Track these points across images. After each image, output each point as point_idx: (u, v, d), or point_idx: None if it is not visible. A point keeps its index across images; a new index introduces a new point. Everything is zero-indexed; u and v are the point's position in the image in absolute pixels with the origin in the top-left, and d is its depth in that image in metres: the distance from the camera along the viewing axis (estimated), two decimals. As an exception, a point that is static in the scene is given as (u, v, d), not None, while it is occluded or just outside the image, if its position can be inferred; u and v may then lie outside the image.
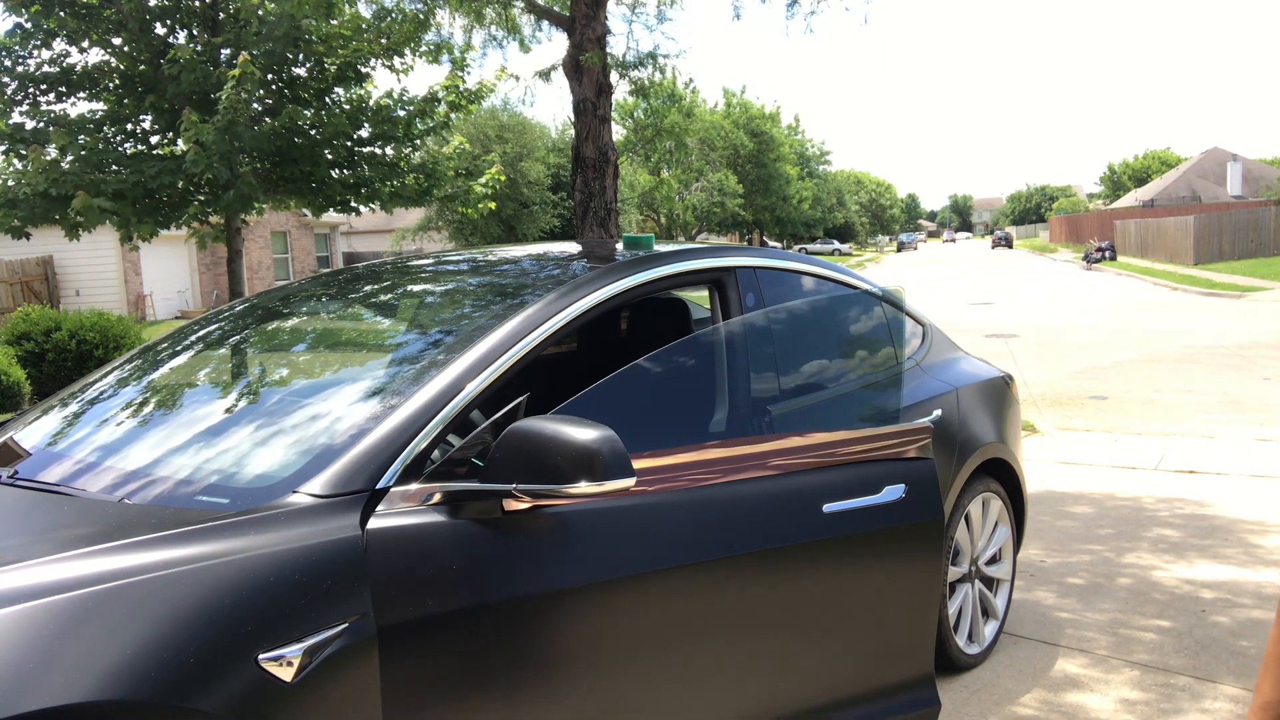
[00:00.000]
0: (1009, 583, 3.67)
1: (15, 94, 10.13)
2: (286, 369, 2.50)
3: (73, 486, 1.87)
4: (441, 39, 10.61)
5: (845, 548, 2.32)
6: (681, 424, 2.43)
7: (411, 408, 1.85)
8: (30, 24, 9.86)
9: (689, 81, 12.14)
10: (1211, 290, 21.55)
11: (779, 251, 2.98)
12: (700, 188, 40.95)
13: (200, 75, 9.57)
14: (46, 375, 9.76)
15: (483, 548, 1.76)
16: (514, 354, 2.02)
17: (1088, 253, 36.80)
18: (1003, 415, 3.68)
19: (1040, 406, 8.70)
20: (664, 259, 2.52)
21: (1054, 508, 5.46)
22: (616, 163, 7.36)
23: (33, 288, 21.97)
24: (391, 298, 2.83)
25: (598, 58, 7.14)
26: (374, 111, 10.77)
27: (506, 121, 27.81)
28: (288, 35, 9.81)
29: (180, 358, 2.63)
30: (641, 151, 14.31)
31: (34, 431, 2.33)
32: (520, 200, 26.95)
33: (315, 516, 1.63)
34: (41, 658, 1.30)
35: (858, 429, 2.55)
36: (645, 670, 1.99)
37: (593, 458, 1.68)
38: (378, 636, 1.59)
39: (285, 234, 30.23)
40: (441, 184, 11.28)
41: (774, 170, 47.51)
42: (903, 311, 3.36)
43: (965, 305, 20.57)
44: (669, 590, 2.01)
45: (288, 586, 1.53)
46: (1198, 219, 31.76)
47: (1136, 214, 48.19)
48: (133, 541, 1.50)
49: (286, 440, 1.93)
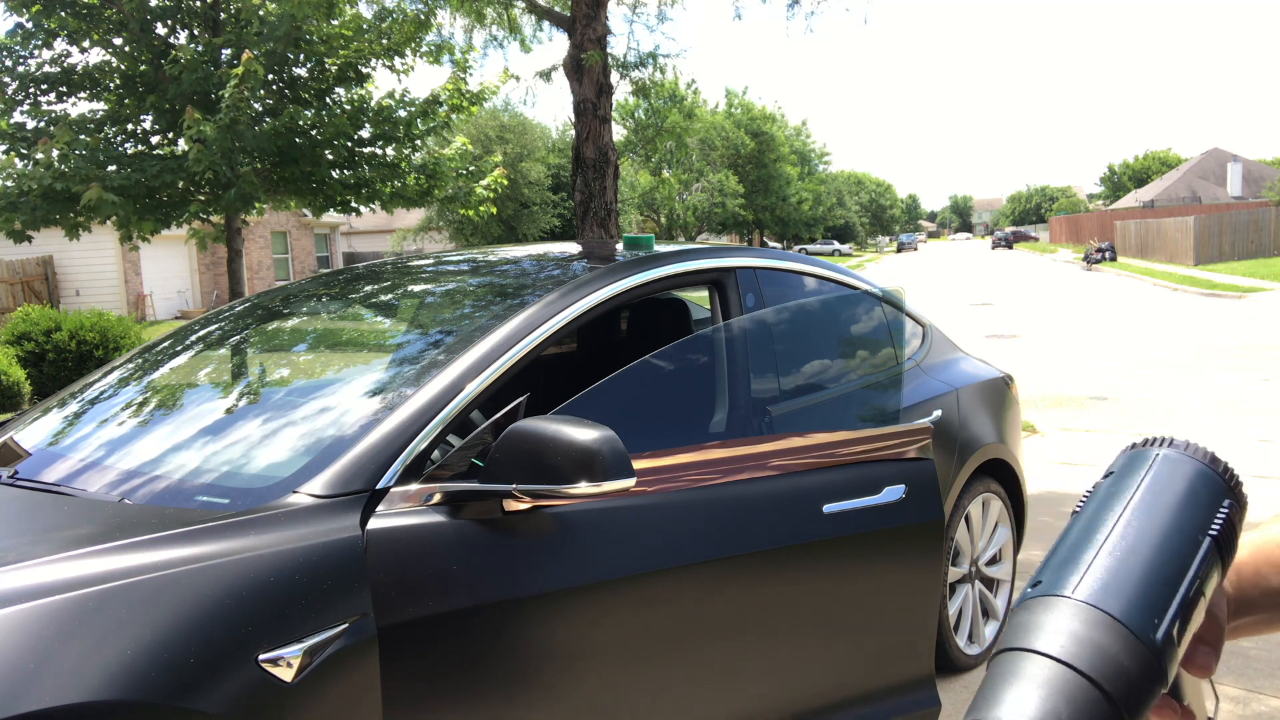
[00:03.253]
0: (1009, 583, 3.67)
1: (16, 94, 10.14)
2: (286, 369, 2.51)
3: (73, 486, 1.87)
4: (442, 39, 10.62)
5: (845, 548, 2.32)
6: (682, 424, 2.43)
7: (411, 408, 1.85)
8: (31, 24, 9.86)
9: (691, 82, 12.15)
10: (1212, 291, 21.55)
11: (779, 252, 2.98)
12: (701, 188, 40.97)
13: (201, 75, 9.58)
14: (46, 375, 9.76)
15: (483, 548, 1.76)
16: (514, 354, 2.02)
17: (1088, 253, 36.78)
18: (1003, 416, 3.68)
19: (1040, 407, 8.70)
20: (664, 259, 2.52)
21: (1054, 508, 5.46)
22: (617, 163, 7.36)
23: (33, 288, 21.98)
24: (392, 298, 2.83)
25: (598, 58, 7.14)
26: (375, 112, 10.77)
27: (507, 122, 27.84)
28: (288, 35, 9.81)
29: (180, 358, 2.63)
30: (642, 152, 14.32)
31: (34, 431, 2.33)
32: (521, 200, 26.97)
33: (315, 517, 1.63)
34: (41, 658, 1.30)
35: (858, 429, 2.55)
36: (645, 671, 1.99)
37: (593, 458, 1.68)
38: (378, 637, 1.59)
39: (285, 234, 30.23)
40: (442, 185, 11.28)
41: (774, 170, 47.53)
42: (903, 312, 3.36)
43: (965, 305, 20.56)
44: (669, 591, 2.01)
45: (288, 587, 1.53)
46: (1198, 220, 31.75)
47: (1136, 215, 48.21)
48: (133, 541, 1.50)
49: (286, 440, 1.93)
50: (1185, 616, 0.55)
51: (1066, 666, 0.51)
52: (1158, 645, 0.53)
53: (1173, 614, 0.54)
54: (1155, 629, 0.53)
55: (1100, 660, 0.51)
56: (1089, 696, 0.50)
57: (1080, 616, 0.53)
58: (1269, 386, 9.33)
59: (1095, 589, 0.55)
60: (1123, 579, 0.55)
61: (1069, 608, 0.54)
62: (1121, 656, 0.52)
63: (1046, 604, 0.55)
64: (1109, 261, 35.27)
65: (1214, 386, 9.45)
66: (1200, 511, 0.60)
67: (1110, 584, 0.55)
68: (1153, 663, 0.52)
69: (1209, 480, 0.62)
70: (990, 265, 42.57)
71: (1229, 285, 22.14)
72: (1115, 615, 0.53)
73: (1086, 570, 0.56)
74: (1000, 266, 40.74)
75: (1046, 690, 0.50)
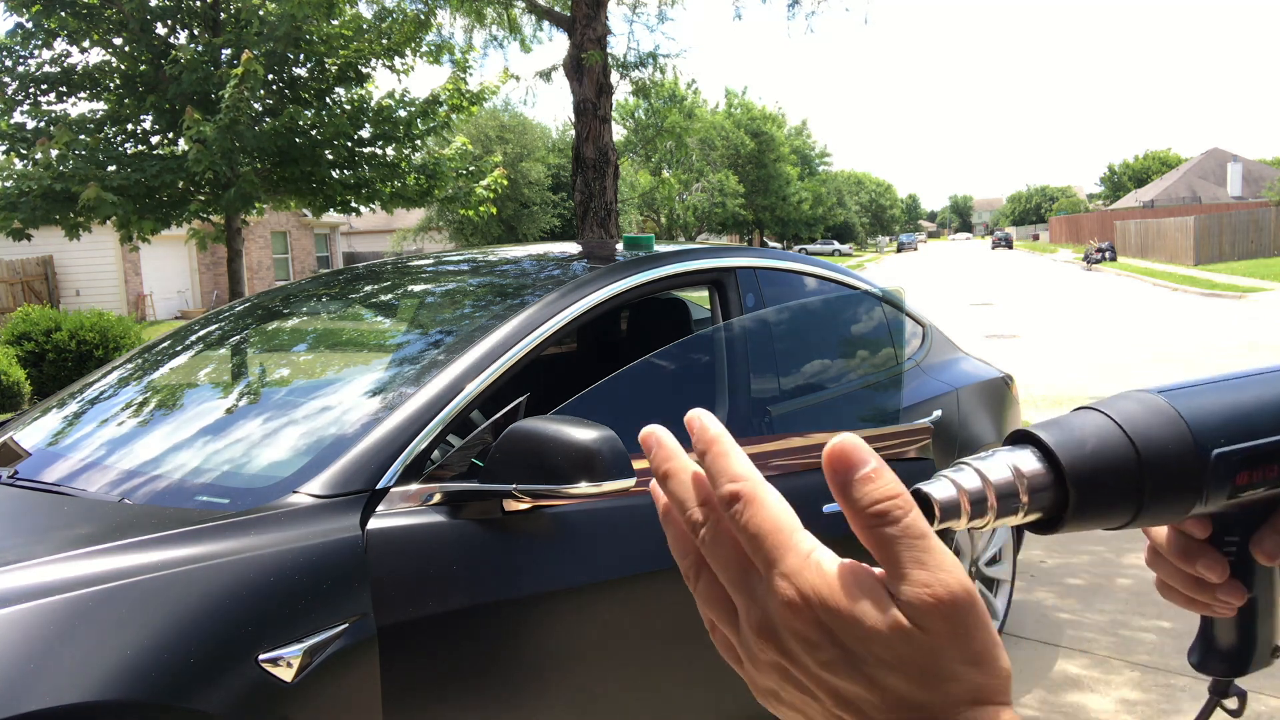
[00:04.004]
0: (1009, 583, 3.67)
1: (16, 94, 10.14)
2: (286, 369, 2.51)
3: (73, 486, 1.87)
4: (442, 39, 10.62)
5: (845, 548, 2.31)
6: (682, 424, 2.43)
7: (411, 408, 1.85)
8: (31, 24, 9.87)
9: (691, 82, 12.16)
10: (1211, 291, 21.54)
11: (779, 252, 2.98)
12: (701, 188, 40.97)
13: (201, 75, 9.58)
14: (46, 375, 9.76)
15: (483, 548, 1.76)
16: (514, 354, 2.02)
17: (1088, 253, 36.78)
18: (1003, 415, 3.68)
19: (1040, 407, 8.70)
20: (664, 259, 2.52)
21: (1054, 508, 5.45)
22: (617, 163, 7.37)
23: (33, 288, 21.98)
24: (392, 298, 2.83)
25: (598, 58, 7.14)
26: (375, 112, 10.78)
27: (507, 122, 27.85)
28: (288, 35, 9.82)
29: (180, 358, 2.63)
30: (642, 152, 14.33)
31: (34, 431, 2.33)
32: (521, 200, 26.98)
33: (315, 517, 1.63)
34: (41, 658, 1.30)
35: (858, 429, 2.55)
36: (645, 671, 1.99)
37: (593, 458, 1.68)
38: (378, 637, 1.59)
39: (285, 234, 30.23)
40: (442, 185, 11.28)
41: (774, 170, 47.54)
42: (903, 312, 3.36)
43: (965, 305, 20.57)
44: (669, 591, 2.01)
45: (288, 587, 1.53)
46: (1198, 220, 31.75)
47: (1136, 214, 48.21)
48: (133, 541, 1.50)
49: (286, 440, 1.93)
50: (1258, 461, 0.57)
51: (1115, 424, 0.55)
52: (1208, 457, 0.55)
53: (1244, 448, 0.56)
54: (1216, 445, 0.55)
55: (1147, 435, 0.55)
56: (1125, 453, 0.54)
57: (1153, 405, 0.57)
58: (1269, 386, 9.32)
59: (1183, 398, 0.57)
60: (1213, 400, 0.58)
61: (1151, 398, 0.57)
62: (1170, 443, 0.55)
63: (1136, 395, 0.59)
64: (1109, 261, 35.27)
65: (1214, 386, 9.44)
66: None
67: (1200, 401, 0.57)
68: (1197, 467, 0.55)
69: None
70: (990, 265, 42.58)
71: (1229, 285, 22.14)
72: (1182, 414, 0.56)
73: (1193, 388, 0.59)
74: (1000, 266, 40.75)
75: (1090, 430, 0.54)
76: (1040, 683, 3.31)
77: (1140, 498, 0.54)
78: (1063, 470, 0.53)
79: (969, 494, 0.51)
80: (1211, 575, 0.62)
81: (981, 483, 0.52)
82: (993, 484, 0.52)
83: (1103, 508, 0.54)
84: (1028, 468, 0.53)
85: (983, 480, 0.52)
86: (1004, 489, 0.52)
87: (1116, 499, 0.54)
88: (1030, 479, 0.52)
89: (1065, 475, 0.53)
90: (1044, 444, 0.53)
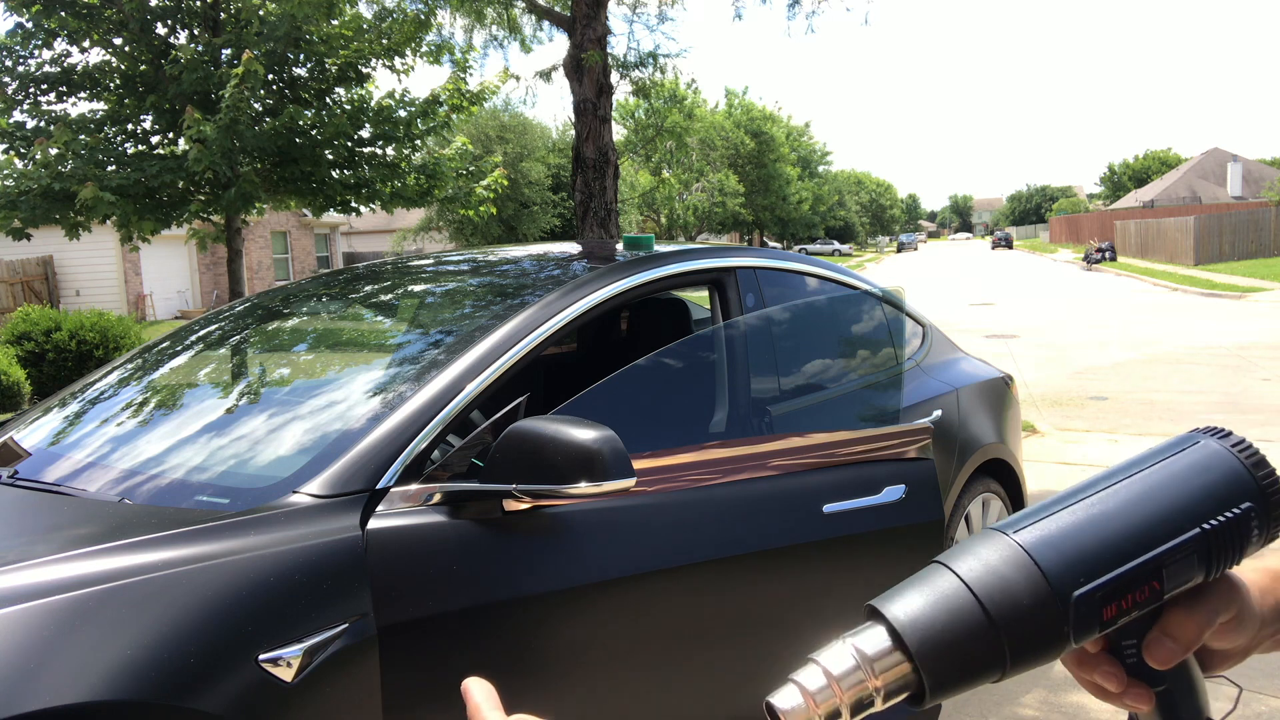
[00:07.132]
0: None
1: (16, 93, 10.14)
2: (286, 369, 2.51)
3: (73, 486, 1.87)
4: (442, 39, 10.62)
5: (845, 548, 2.32)
6: (682, 424, 2.43)
7: (411, 408, 1.85)
8: (31, 24, 9.86)
9: (691, 82, 12.12)
10: (1212, 291, 21.54)
11: (779, 252, 2.98)
12: (701, 188, 40.97)
13: (201, 75, 9.58)
14: (46, 375, 9.76)
15: (483, 548, 1.76)
16: (514, 354, 2.02)
17: (1088, 253, 36.76)
18: (1003, 416, 3.68)
19: (1040, 407, 8.70)
20: (664, 259, 2.52)
21: (1054, 508, 5.46)
22: (617, 163, 7.36)
23: (33, 288, 21.98)
24: (392, 298, 2.83)
25: (598, 58, 7.14)
26: (375, 112, 10.77)
27: (507, 122, 27.84)
28: (288, 35, 9.81)
29: (180, 358, 2.64)
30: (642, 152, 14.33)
31: (34, 431, 2.33)
32: (521, 200, 26.97)
33: (315, 517, 1.63)
34: (41, 658, 1.30)
35: (858, 429, 2.55)
36: (645, 671, 1.99)
37: (593, 458, 1.68)
38: (378, 637, 1.59)
39: (285, 234, 30.23)
40: (442, 185, 11.28)
41: (774, 170, 47.52)
42: (903, 312, 3.36)
43: (965, 305, 20.56)
44: (669, 591, 2.01)
45: (288, 587, 1.53)
46: (1198, 219, 31.74)
47: (1136, 214, 48.20)
48: (133, 541, 1.50)
49: (286, 440, 1.93)
50: (1122, 591, 0.54)
51: (964, 585, 0.52)
52: (1069, 601, 0.53)
53: (1105, 582, 0.53)
54: (1075, 587, 0.53)
55: (999, 591, 0.52)
56: (974, 618, 0.51)
57: (1004, 553, 0.54)
58: (1269, 386, 9.33)
59: (1034, 536, 0.55)
60: (1067, 534, 0.55)
61: (1001, 543, 0.55)
62: (1023, 597, 0.52)
63: (989, 537, 0.56)
64: (1109, 261, 35.26)
65: (1214, 386, 9.45)
66: (1208, 504, 0.57)
67: (1051, 535, 0.55)
68: (1056, 614, 0.52)
69: (1238, 479, 0.59)
70: (990, 265, 42.57)
71: (1229, 285, 22.13)
72: (1035, 559, 0.53)
73: (1042, 519, 0.57)
74: (1000, 266, 40.74)
75: (937, 598, 0.52)
76: (1040, 682, 3.31)
77: (1001, 659, 0.52)
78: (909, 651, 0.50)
79: (813, 695, 0.49)
80: (1110, 685, 0.59)
81: (826, 679, 0.50)
82: (835, 676, 0.50)
83: (965, 675, 0.52)
84: (873, 649, 0.51)
85: (826, 676, 0.50)
86: (849, 680, 0.50)
87: (976, 665, 0.52)
88: (876, 661, 0.50)
89: (913, 657, 0.51)
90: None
